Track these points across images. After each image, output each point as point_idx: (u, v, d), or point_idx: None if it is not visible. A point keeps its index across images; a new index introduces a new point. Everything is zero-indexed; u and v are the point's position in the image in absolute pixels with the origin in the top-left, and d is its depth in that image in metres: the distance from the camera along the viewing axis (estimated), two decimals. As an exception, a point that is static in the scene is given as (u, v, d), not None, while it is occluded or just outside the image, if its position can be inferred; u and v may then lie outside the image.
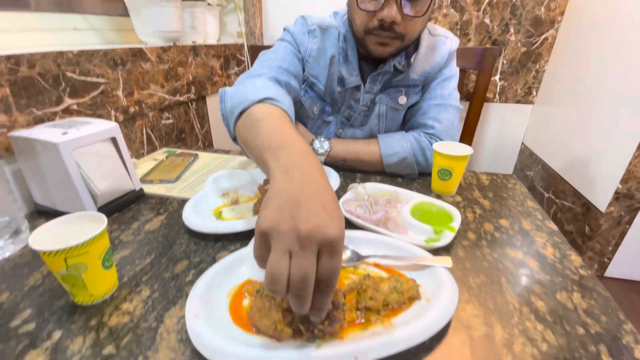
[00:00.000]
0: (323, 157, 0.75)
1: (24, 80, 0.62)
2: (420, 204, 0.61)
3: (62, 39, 0.85)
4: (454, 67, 0.79)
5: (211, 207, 0.61)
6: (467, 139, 1.19)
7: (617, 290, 1.15)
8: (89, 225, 0.40)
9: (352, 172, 0.78)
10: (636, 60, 0.93)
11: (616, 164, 0.96)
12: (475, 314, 0.39)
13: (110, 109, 0.78)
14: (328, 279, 0.29)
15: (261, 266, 0.31)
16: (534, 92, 1.41)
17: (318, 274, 0.29)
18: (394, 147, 0.73)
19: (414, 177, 0.76)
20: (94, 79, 0.74)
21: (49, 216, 0.51)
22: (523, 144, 1.51)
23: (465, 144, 0.67)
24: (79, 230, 0.39)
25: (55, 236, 0.39)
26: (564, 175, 1.20)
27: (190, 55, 1.05)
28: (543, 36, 1.32)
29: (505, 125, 1.49)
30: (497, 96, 1.43)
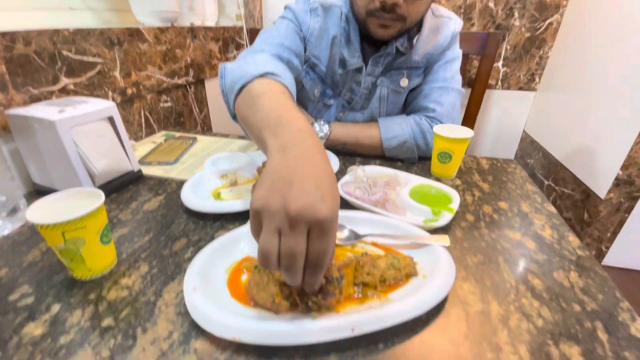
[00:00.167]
0: (323, 141, 0.75)
1: (19, 58, 0.61)
2: (419, 186, 0.60)
3: (57, 18, 0.83)
4: (457, 49, 0.77)
5: (210, 188, 0.61)
6: (468, 126, 1.16)
7: (614, 278, 1.16)
8: (86, 201, 0.40)
9: (352, 156, 0.77)
10: (642, 44, 0.92)
11: (617, 150, 0.95)
12: (471, 291, 0.40)
13: (107, 89, 0.77)
14: (317, 259, 0.29)
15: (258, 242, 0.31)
16: (536, 78, 1.39)
17: (307, 254, 0.29)
18: (394, 131, 0.73)
19: (413, 161, 0.75)
20: (91, 59, 0.73)
21: (47, 194, 0.51)
22: (524, 131, 1.50)
23: (466, 130, 0.66)
24: (77, 205, 0.39)
25: (53, 210, 0.39)
26: (565, 163, 1.20)
27: (188, 37, 1.03)
28: (548, 21, 1.30)
29: (507, 113, 1.48)
30: (499, 83, 1.42)
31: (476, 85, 1.17)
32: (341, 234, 0.47)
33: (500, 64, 1.38)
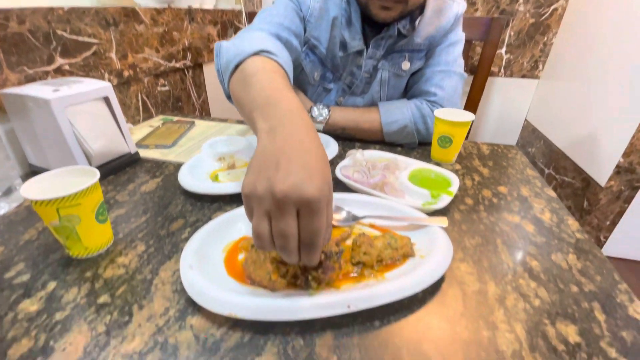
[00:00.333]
0: (322, 125, 0.74)
1: (13, 36, 0.60)
2: (419, 170, 0.60)
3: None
4: (460, 32, 0.76)
5: (207, 170, 0.61)
6: (469, 113, 1.17)
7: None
8: (81, 179, 0.39)
9: (351, 141, 0.77)
10: (648, 30, 0.90)
11: (619, 137, 0.94)
12: (469, 272, 0.39)
13: (103, 71, 0.76)
14: (309, 239, 0.28)
15: None
16: (540, 66, 1.37)
17: (300, 234, 0.28)
18: (394, 115, 0.72)
19: (413, 146, 0.74)
20: (86, 39, 0.72)
21: (42, 174, 0.51)
22: (526, 120, 1.49)
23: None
24: (72, 183, 0.39)
25: (48, 187, 0.39)
26: (566, 151, 1.19)
27: (185, 19, 1.01)
28: (553, 6, 1.27)
29: (509, 101, 1.46)
30: (502, 70, 1.40)
31: (478, 73, 1.15)
32: (339, 216, 0.47)
33: (503, 50, 1.36)
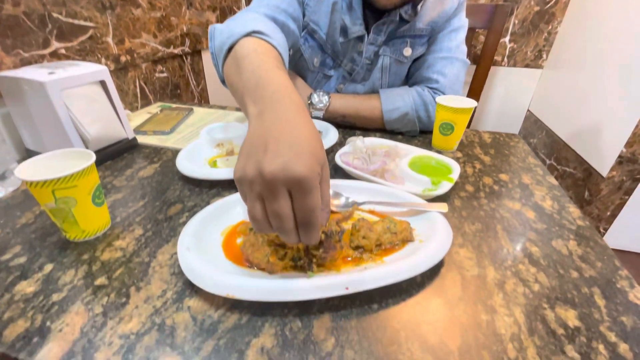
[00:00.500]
0: (321, 112, 0.73)
1: (8, 19, 0.59)
2: (419, 157, 0.59)
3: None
4: (464, 17, 0.74)
5: (206, 156, 0.60)
6: (471, 103, 1.16)
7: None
8: (77, 161, 0.39)
9: (352, 129, 0.76)
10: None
11: (622, 127, 0.93)
12: (468, 257, 0.39)
13: (100, 56, 0.75)
14: (305, 218, 0.28)
15: None
16: (544, 55, 1.36)
17: (295, 214, 0.28)
18: (395, 102, 0.71)
19: (414, 134, 0.74)
20: (82, 22, 0.70)
21: (39, 158, 0.50)
22: (529, 110, 1.47)
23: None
24: (68, 165, 0.38)
25: (43, 169, 0.38)
26: (568, 141, 1.18)
27: (183, 4, 0.99)
28: (558, -6, 1.25)
29: (512, 91, 1.45)
30: (505, 59, 1.38)
31: (481, 61, 1.13)
32: (338, 202, 0.47)
33: (507, 39, 1.34)
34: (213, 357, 0.28)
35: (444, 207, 0.43)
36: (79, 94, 0.54)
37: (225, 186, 0.52)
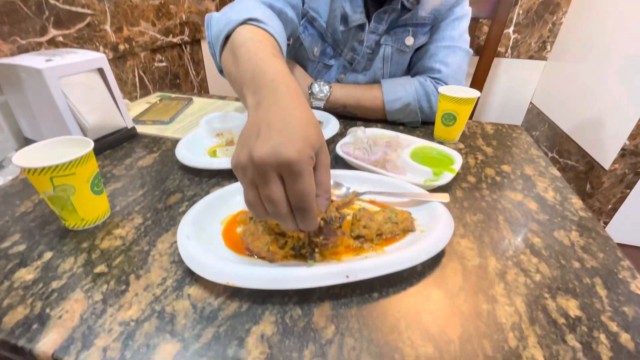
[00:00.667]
0: (322, 103, 0.72)
1: (5, 5, 0.58)
2: (421, 148, 0.59)
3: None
4: (467, 6, 0.73)
5: (205, 146, 0.60)
6: (473, 94, 1.14)
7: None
8: (75, 149, 0.38)
9: (353, 119, 0.75)
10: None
11: (626, 119, 0.93)
12: (469, 247, 0.39)
13: (98, 44, 0.74)
14: (298, 203, 0.28)
15: None
16: (548, 46, 1.34)
17: (289, 199, 0.28)
18: (397, 92, 0.70)
19: (416, 125, 0.73)
20: (79, 9, 0.69)
21: (37, 146, 0.50)
22: (531, 103, 1.46)
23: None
24: (66, 153, 0.38)
25: (41, 157, 0.38)
26: (571, 134, 1.17)
27: (183, -8, 0.98)
28: (564, -17, 1.23)
29: (515, 83, 1.43)
30: (509, 50, 1.36)
31: (484, 52, 1.12)
32: (339, 192, 0.46)
33: (511, 30, 1.32)
34: (213, 344, 0.28)
35: (445, 197, 0.42)
36: (76, 81, 0.53)
37: (225, 176, 0.52)
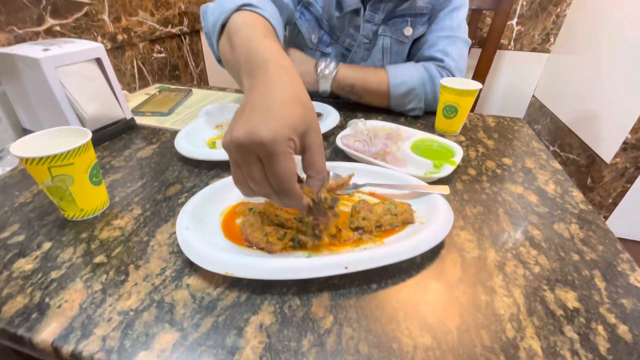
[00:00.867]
0: (329, 81, 0.68)
1: (0, -7, 0.57)
2: (422, 140, 0.58)
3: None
4: None
5: (205, 137, 0.59)
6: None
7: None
8: (73, 139, 0.38)
9: (353, 111, 0.74)
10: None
11: (628, 113, 0.92)
12: (469, 239, 0.39)
13: (96, 34, 0.73)
14: (276, 184, 0.28)
15: None
16: (551, 39, 1.32)
17: (268, 179, 0.29)
18: (402, 76, 0.68)
19: (419, 113, 0.72)
20: (77, -2, 0.68)
21: (35, 137, 0.49)
22: (534, 96, 1.45)
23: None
24: (64, 143, 0.38)
25: (39, 147, 0.37)
26: (572, 127, 1.16)
27: (182, -19, 0.96)
28: (569, -26, 1.20)
29: (518, 76, 1.42)
30: (512, 43, 1.35)
31: (487, 44, 1.10)
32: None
33: (514, 21, 1.30)
34: (212, 333, 0.28)
35: (445, 189, 0.42)
36: (74, 71, 0.53)
37: (224, 167, 0.52)
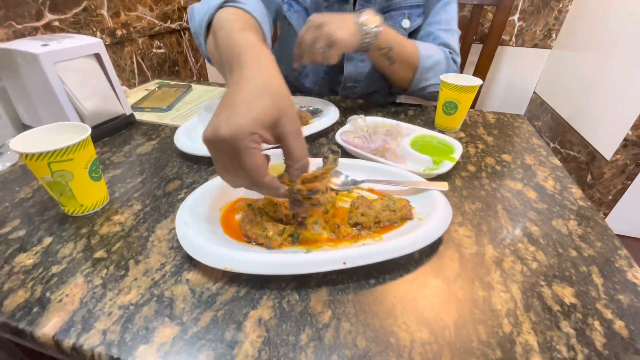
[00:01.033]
0: (372, 38, 0.59)
1: (-2, -12, 0.57)
2: (421, 136, 0.58)
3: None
4: None
5: (204, 133, 0.59)
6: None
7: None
8: (72, 135, 0.38)
9: (352, 108, 0.74)
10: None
11: (629, 110, 0.92)
12: (467, 235, 0.39)
13: (95, 29, 0.73)
14: (246, 178, 0.30)
15: None
16: (553, 35, 1.31)
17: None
18: (429, 49, 0.67)
19: (432, 98, 0.71)
20: (75, -7, 0.68)
21: (35, 133, 0.50)
22: (534, 92, 1.44)
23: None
24: (63, 138, 0.38)
25: (39, 142, 0.38)
26: (573, 124, 1.16)
27: (181, -24, 0.96)
28: (571, -31, 1.20)
29: (519, 72, 1.41)
30: (513, 39, 1.34)
31: (488, 40, 1.10)
32: (337, 180, 0.46)
33: (516, 17, 1.30)
34: (211, 327, 0.28)
35: (444, 185, 0.42)
36: (73, 67, 0.53)
37: (224, 163, 0.52)
